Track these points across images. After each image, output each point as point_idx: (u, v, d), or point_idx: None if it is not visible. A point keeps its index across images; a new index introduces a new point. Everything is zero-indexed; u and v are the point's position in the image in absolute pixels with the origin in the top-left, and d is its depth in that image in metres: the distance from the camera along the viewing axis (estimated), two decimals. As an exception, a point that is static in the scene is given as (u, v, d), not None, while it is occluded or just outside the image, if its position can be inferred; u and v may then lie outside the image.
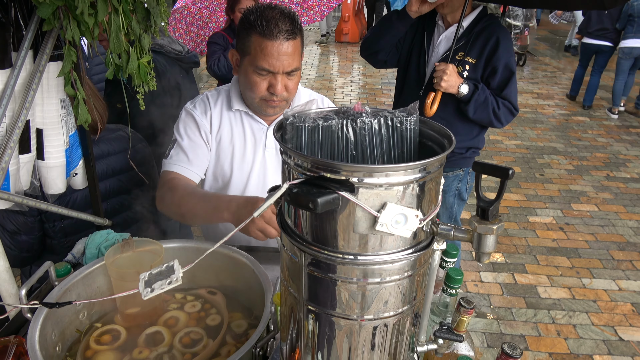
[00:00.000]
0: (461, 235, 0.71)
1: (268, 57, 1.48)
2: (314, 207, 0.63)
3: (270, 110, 1.64)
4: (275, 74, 1.52)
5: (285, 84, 1.56)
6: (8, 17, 1.12)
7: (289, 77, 1.56)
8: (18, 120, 1.14)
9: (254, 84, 1.56)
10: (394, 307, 0.76)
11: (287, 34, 1.48)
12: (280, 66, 1.50)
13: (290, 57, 1.51)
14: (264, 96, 1.58)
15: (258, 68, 1.51)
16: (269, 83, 1.55)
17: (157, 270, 0.71)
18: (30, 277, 1.31)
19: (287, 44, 1.49)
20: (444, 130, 0.76)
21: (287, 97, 1.61)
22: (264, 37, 1.47)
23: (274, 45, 1.47)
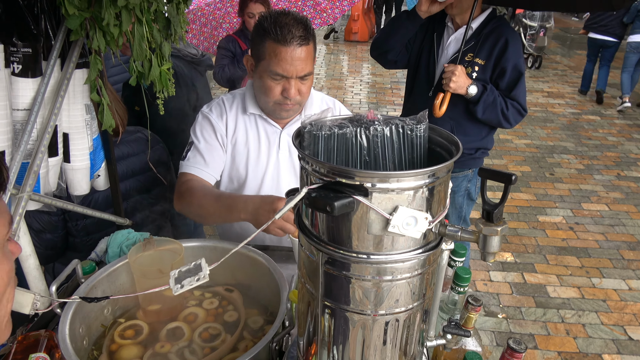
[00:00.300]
0: (468, 237, 0.76)
1: (282, 62, 1.54)
2: (331, 210, 0.68)
3: (284, 113, 1.70)
4: (288, 78, 1.58)
5: (298, 88, 1.61)
6: (39, 28, 1.18)
7: (302, 81, 1.61)
8: (48, 125, 1.21)
9: (269, 89, 1.61)
10: (404, 303, 0.81)
11: (300, 40, 1.53)
12: (294, 71, 1.56)
13: (304, 62, 1.56)
14: (278, 100, 1.63)
15: (272, 73, 1.57)
16: (282, 87, 1.60)
17: (185, 268, 0.77)
18: (58, 274, 1.38)
19: (301, 50, 1.54)
20: (452, 137, 0.81)
21: (300, 101, 1.66)
22: (277, 43, 1.52)
23: (288, 51, 1.52)
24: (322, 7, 3.82)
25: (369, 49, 2.77)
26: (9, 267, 0.62)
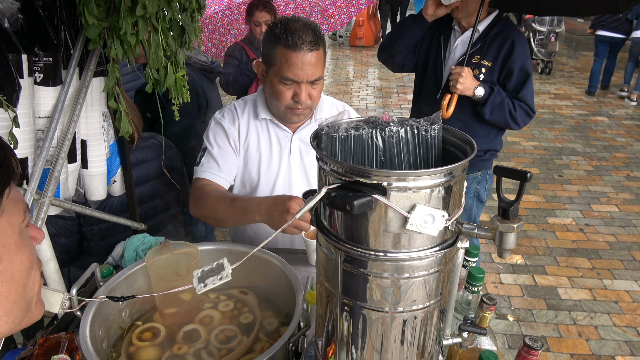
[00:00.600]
0: (484, 234, 0.77)
1: (292, 67, 1.56)
2: (351, 208, 0.70)
3: (294, 117, 1.72)
4: (299, 83, 1.60)
5: (309, 93, 1.64)
6: (59, 38, 1.22)
7: (313, 86, 1.64)
8: (67, 132, 1.24)
9: (280, 93, 1.64)
10: (422, 301, 0.82)
11: (310, 45, 1.56)
12: (304, 76, 1.58)
13: (314, 67, 1.59)
14: (289, 104, 1.66)
15: (283, 78, 1.59)
16: (293, 92, 1.63)
17: (208, 267, 0.79)
18: (74, 278, 1.41)
19: (311, 55, 1.57)
20: (466, 137, 0.83)
21: (310, 105, 1.69)
22: (288, 48, 1.55)
23: (298, 56, 1.55)
24: (329, 12, 3.87)
25: (374, 53, 2.82)
26: (29, 251, 0.66)
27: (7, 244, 0.62)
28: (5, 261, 0.61)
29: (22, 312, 0.67)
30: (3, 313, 0.63)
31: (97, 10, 1.12)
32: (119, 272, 1.42)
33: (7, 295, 0.63)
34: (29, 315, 0.69)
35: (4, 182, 0.60)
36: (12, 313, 0.65)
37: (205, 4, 1.37)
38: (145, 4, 1.11)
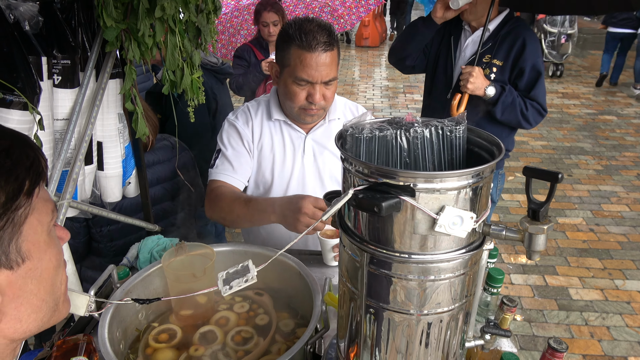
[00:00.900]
0: (513, 236, 0.76)
1: (307, 68, 1.56)
2: (379, 210, 0.69)
3: (308, 118, 1.72)
4: (313, 84, 1.60)
5: (323, 93, 1.63)
6: (76, 41, 1.22)
7: (327, 86, 1.63)
8: (85, 134, 1.24)
9: (294, 94, 1.63)
10: (447, 304, 0.82)
11: (324, 46, 1.55)
12: (319, 76, 1.58)
13: (328, 68, 1.58)
14: (302, 105, 1.65)
15: (297, 79, 1.59)
16: (307, 92, 1.62)
17: (233, 269, 0.78)
18: (85, 278, 1.41)
19: (325, 55, 1.56)
20: (492, 137, 0.82)
21: (324, 106, 1.68)
22: (302, 49, 1.55)
23: (313, 57, 1.55)
24: (339, 13, 3.87)
25: (380, 54, 2.83)
26: (56, 250, 0.67)
27: (37, 242, 0.63)
28: (35, 259, 0.62)
29: (50, 310, 0.67)
30: (32, 310, 0.64)
31: (115, 13, 1.12)
32: (136, 273, 1.42)
33: (36, 293, 0.63)
34: (57, 313, 0.70)
35: (34, 181, 0.61)
36: (41, 311, 0.65)
37: (221, 5, 1.37)
38: (164, 6, 1.11)
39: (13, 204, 0.58)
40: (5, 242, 0.58)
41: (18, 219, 0.59)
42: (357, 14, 3.89)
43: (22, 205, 0.59)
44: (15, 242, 0.59)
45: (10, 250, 0.59)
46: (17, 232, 0.59)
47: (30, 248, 0.61)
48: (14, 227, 0.59)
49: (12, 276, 0.60)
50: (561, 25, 8.24)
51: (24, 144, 0.62)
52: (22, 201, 0.59)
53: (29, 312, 0.63)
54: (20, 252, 0.60)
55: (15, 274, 0.60)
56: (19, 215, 0.59)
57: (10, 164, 0.58)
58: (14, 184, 0.58)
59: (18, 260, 0.60)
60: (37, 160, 0.62)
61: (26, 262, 0.61)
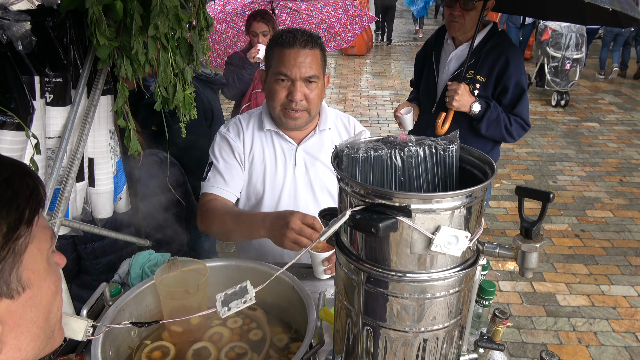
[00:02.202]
0: (506, 253, 0.78)
1: (286, 63, 1.60)
2: (376, 231, 0.70)
3: (291, 122, 1.71)
4: (294, 80, 1.62)
5: (304, 93, 1.64)
6: (68, 58, 1.21)
7: (308, 85, 1.64)
8: (77, 152, 1.24)
9: (275, 92, 1.66)
10: (443, 320, 0.83)
11: (304, 43, 1.60)
12: (297, 72, 1.60)
13: (308, 65, 1.61)
14: (284, 103, 1.66)
15: (278, 74, 1.62)
16: (288, 90, 1.64)
17: (231, 290, 0.79)
18: (75, 297, 1.40)
19: (305, 52, 1.60)
20: (484, 156, 0.84)
21: (307, 108, 1.68)
22: (282, 46, 1.61)
23: (291, 53, 1.59)
24: (335, 30, 3.92)
25: (367, 62, 2.89)
26: (55, 277, 0.68)
27: (37, 270, 0.63)
28: (35, 287, 0.62)
29: (46, 338, 0.67)
30: (31, 339, 0.64)
31: (108, 31, 1.12)
32: (128, 290, 1.40)
33: (35, 321, 0.63)
34: (52, 341, 0.69)
35: (34, 210, 0.62)
36: (39, 338, 0.65)
37: (214, 21, 1.38)
38: (157, 25, 1.11)
39: (14, 233, 0.58)
40: (6, 271, 0.58)
41: (19, 249, 0.59)
42: (352, 31, 3.94)
43: (23, 235, 0.59)
44: (16, 271, 0.59)
45: (11, 279, 0.59)
46: (18, 261, 0.59)
47: (30, 276, 0.61)
48: (15, 257, 0.59)
49: (12, 305, 0.60)
50: (566, 49, 7.30)
51: (24, 172, 0.62)
52: (22, 230, 0.59)
53: (28, 341, 0.63)
54: (20, 281, 0.60)
55: (15, 303, 0.60)
56: (20, 244, 0.59)
57: (11, 194, 0.59)
58: (15, 213, 0.58)
59: (19, 289, 0.60)
60: (36, 189, 0.62)
61: (26, 290, 0.61)
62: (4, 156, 0.64)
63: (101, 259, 1.88)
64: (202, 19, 1.29)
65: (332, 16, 3.99)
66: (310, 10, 3.98)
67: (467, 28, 2.35)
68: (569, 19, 3.04)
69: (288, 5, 3.98)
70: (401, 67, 10.25)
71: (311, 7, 3.96)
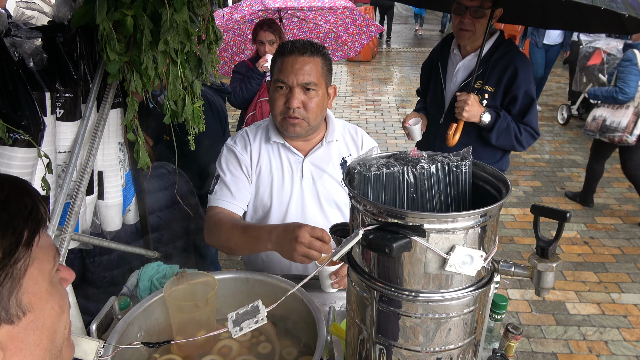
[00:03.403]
0: (521, 272, 0.77)
1: (283, 70, 1.62)
2: (390, 251, 0.69)
3: (290, 128, 1.70)
4: (291, 87, 1.62)
5: (302, 100, 1.64)
6: (78, 73, 1.22)
7: (306, 93, 1.64)
8: (87, 166, 1.24)
9: (274, 100, 1.67)
10: (457, 340, 0.82)
11: (302, 50, 1.62)
12: (294, 79, 1.61)
13: (306, 72, 1.62)
14: (282, 111, 1.67)
15: (276, 82, 1.64)
16: (286, 97, 1.65)
17: (243, 310, 0.78)
18: (81, 309, 1.39)
19: (302, 59, 1.61)
20: (498, 173, 0.83)
21: (305, 116, 1.68)
22: (282, 55, 1.64)
23: (289, 60, 1.61)
24: (342, 39, 3.93)
25: (372, 68, 2.90)
26: (59, 297, 0.65)
27: (39, 292, 0.61)
28: (37, 310, 0.61)
29: (53, 358, 0.66)
30: None
31: (118, 46, 1.13)
32: (137, 304, 1.40)
33: (38, 344, 0.62)
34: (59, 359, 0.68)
35: (33, 231, 0.59)
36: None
37: (223, 35, 1.38)
38: (167, 40, 1.12)
39: (11, 258, 0.56)
40: (4, 297, 0.56)
41: (17, 273, 0.57)
42: (360, 40, 3.95)
43: (22, 258, 0.57)
44: (15, 296, 0.57)
45: (10, 305, 0.57)
46: (17, 286, 0.57)
47: (31, 300, 0.59)
48: (14, 282, 0.57)
49: (13, 330, 0.58)
50: None
51: (22, 192, 0.60)
52: (21, 254, 0.57)
53: None
54: (20, 306, 0.58)
55: (16, 328, 0.58)
56: (18, 268, 0.57)
57: (6, 216, 0.56)
58: (11, 237, 0.56)
59: (19, 314, 0.58)
60: (35, 208, 0.60)
61: (27, 314, 0.59)
62: (3, 175, 0.61)
63: (108, 273, 1.88)
64: (211, 32, 1.30)
65: (339, 25, 4.01)
66: (318, 20, 4.00)
67: (477, 36, 2.34)
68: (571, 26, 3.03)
69: (295, 14, 4.00)
70: (406, 73, 10.24)
71: (319, 17, 3.97)
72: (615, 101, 4.19)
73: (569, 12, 2.43)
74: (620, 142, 4.21)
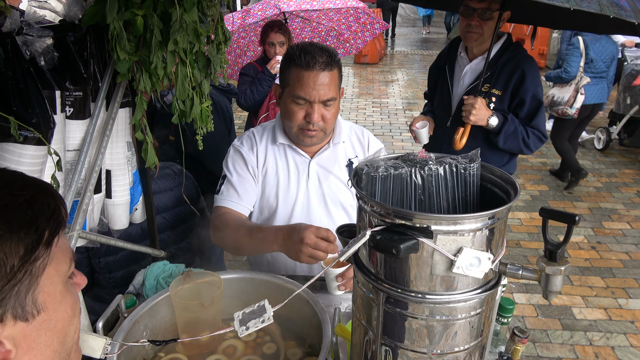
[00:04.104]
0: (530, 275, 0.77)
1: (304, 86, 1.59)
2: (397, 252, 0.69)
3: (307, 140, 1.72)
4: (312, 103, 1.61)
5: (321, 114, 1.64)
6: (88, 72, 1.23)
7: (326, 107, 1.64)
8: (95, 164, 1.25)
9: (292, 113, 1.65)
10: (464, 342, 0.81)
11: (323, 65, 1.58)
12: (316, 95, 1.60)
13: (327, 87, 1.60)
14: (301, 124, 1.67)
15: (296, 97, 1.61)
16: (305, 112, 1.64)
17: (249, 309, 0.78)
18: (89, 309, 1.40)
19: (324, 75, 1.59)
20: (506, 175, 0.83)
21: (323, 127, 1.69)
22: (301, 67, 1.59)
23: (310, 75, 1.58)
24: (345, 37, 3.93)
25: (379, 70, 2.90)
26: (72, 300, 0.66)
27: (53, 292, 0.62)
28: (50, 310, 0.61)
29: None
30: None
31: (128, 46, 1.14)
32: (143, 302, 1.41)
33: (49, 344, 0.62)
34: None
35: (54, 231, 0.61)
36: None
37: (231, 35, 1.39)
38: (176, 40, 1.12)
39: (32, 255, 0.57)
40: (22, 294, 0.57)
41: (36, 271, 0.58)
42: (363, 38, 3.95)
43: (41, 256, 0.59)
44: (32, 293, 0.58)
45: (26, 302, 0.58)
46: (35, 284, 0.58)
47: (46, 299, 0.60)
48: (32, 279, 0.58)
49: (27, 328, 0.59)
50: None
51: (46, 193, 0.62)
52: (41, 252, 0.58)
53: None
54: (36, 304, 0.59)
55: (30, 326, 0.59)
56: (37, 266, 0.58)
57: (31, 215, 0.58)
58: (33, 235, 0.57)
59: (33, 312, 0.59)
60: (57, 210, 0.62)
61: (41, 313, 0.60)
62: (29, 176, 0.63)
63: (114, 274, 1.89)
64: (220, 33, 1.30)
65: (342, 24, 4.01)
66: (321, 19, 4.00)
67: (485, 38, 2.33)
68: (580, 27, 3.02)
69: (300, 14, 4.00)
70: (413, 75, 10.23)
71: (322, 16, 3.97)
72: (561, 80, 4.91)
73: (578, 15, 2.42)
74: (563, 114, 4.92)
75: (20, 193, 0.59)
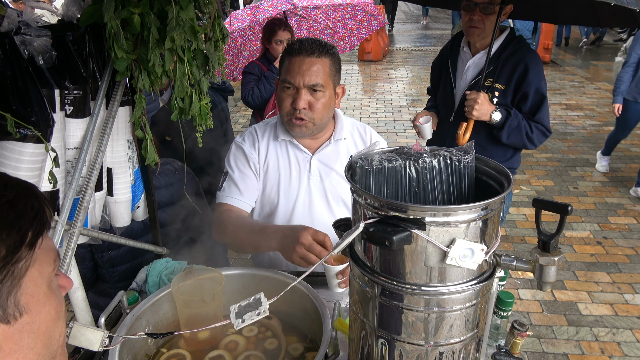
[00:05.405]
0: (523, 266, 0.77)
1: (290, 70, 1.63)
2: (390, 244, 0.70)
3: (296, 129, 1.71)
4: (298, 88, 1.62)
5: (308, 100, 1.64)
6: (88, 71, 1.24)
7: (313, 94, 1.64)
8: (96, 162, 1.26)
9: (281, 100, 1.68)
10: (459, 334, 0.82)
11: (310, 51, 1.62)
12: (301, 79, 1.61)
13: (313, 73, 1.62)
14: (289, 111, 1.68)
15: (283, 82, 1.65)
16: (292, 98, 1.65)
17: (245, 302, 0.79)
18: (93, 304, 1.41)
19: (310, 60, 1.61)
20: (500, 167, 0.83)
21: (312, 118, 1.68)
22: (291, 55, 1.64)
23: (297, 60, 1.62)
24: (339, 35, 3.94)
25: (383, 67, 2.90)
26: (57, 302, 0.65)
27: (37, 294, 0.61)
28: (33, 312, 0.60)
29: None
30: None
31: (125, 44, 1.15)
32: (145, 298, 1.42)
33: (32, 347, 0.61)
34: None
35: (37, 232, 0.60)
36: None
37: (229, 33, 1.40)
38: (173, 37, 1.13)
39: (14, 256, 0.56)
40: (3, 295, 0.56)
41: (18, 272, 0.57)
42: (358, 35, 3.95)
43: (23, 258, 0.58)
44: (14, 295, 0.57)
45: (8, 304, 0.57)
46: (17, 285, 0.57)
47: (29, 301, 0.59)
48: (14, 281, 0.57)
49: (8, 331, 0.57)
50: None
51: (30, 194, 0.61)
52: (23, 253, 0.57)
53: None
54: (18, 306, 0.58)
55: (12, 328, 0.58)
56: (19, 268, 0.57)
57: (13, 215, 0.57)
58: (15, 236, 0.56)
59: (15, 314, 0.58)
60: (41, 211, 0.60)
61: (24, 315, 0.59)
62: (12, 177, 0.62)
63: (117, 268, 1.91)
64: (218, 30, 1.31)
65: (337, 21, 4.02)
66: (317, 17, 4.01)
67: (487, 33, 2.33)
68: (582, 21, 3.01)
69: (298, 12, 4.01)
70: (417, 72, 10.20)
71: (320, 14, 3.99)
72: None
73: (579, 8, 2.41)
74: None
75: (3, 193, 0.58)
